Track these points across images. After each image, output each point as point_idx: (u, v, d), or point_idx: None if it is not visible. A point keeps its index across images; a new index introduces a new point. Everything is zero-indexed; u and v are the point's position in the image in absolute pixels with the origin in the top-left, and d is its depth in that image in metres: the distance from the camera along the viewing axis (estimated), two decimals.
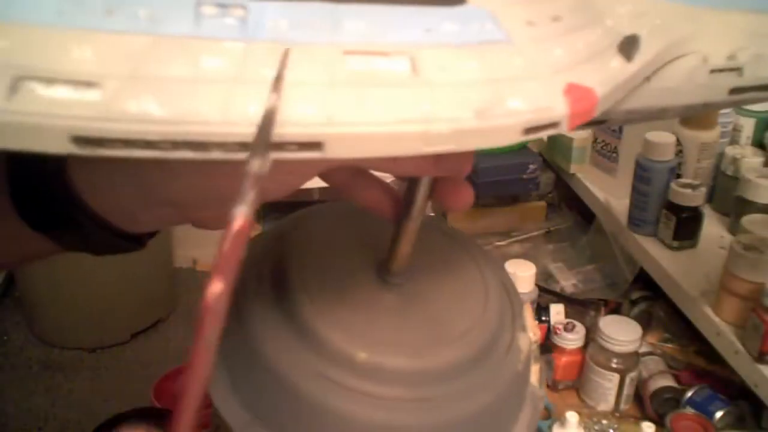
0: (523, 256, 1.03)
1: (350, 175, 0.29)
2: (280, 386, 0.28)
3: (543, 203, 1.19)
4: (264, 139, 0.16)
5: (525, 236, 1.14)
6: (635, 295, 0.98)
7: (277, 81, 0.17)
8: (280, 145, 0.17)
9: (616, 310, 0.96)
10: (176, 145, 0.17)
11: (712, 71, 0.24)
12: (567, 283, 1.02)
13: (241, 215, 0.15)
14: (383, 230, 0.31)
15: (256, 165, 0.16)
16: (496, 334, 0.31)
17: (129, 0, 0.18)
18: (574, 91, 0.20)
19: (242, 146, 0.17)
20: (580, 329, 0.86)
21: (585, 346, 0.85)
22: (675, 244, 0.89)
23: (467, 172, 0.28)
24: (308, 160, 0.18)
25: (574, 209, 1.18)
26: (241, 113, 0.17)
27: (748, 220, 0.81)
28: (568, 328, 0.85)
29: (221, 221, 0.29)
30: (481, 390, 0.29)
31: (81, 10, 0.17)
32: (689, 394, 0.79)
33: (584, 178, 1.13)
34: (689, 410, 0.77)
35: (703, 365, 0.86)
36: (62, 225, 0.28)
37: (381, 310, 0.30)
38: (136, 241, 0.31)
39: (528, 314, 0.34)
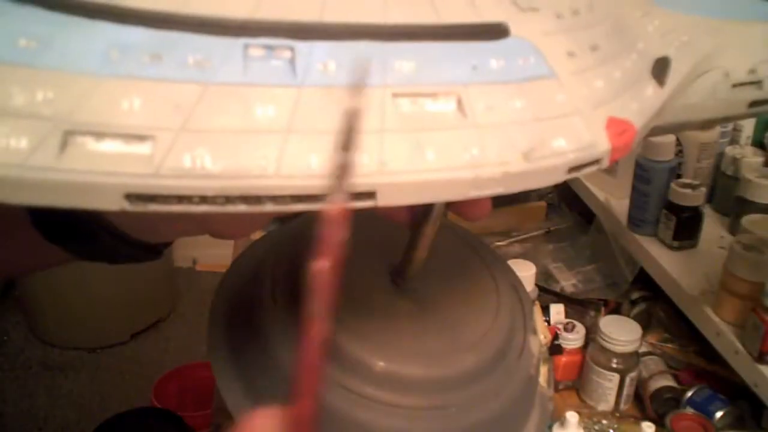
0: (523, 256, 1.03)
1: None
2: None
3: (543, 203, 1.19)
4: (350, 138, 0.16)
5: (525, 236, 1.14)
6: (635, 295, 0.98)
7: (357, 87, 0.17)
8: (330, 196, 0.17)
9: (616, 310, 0.96)
10: (230, 199, 0.16)
11: (734, 86, 0.25)
12: (567, 283, 1.02)
13: (337, 202, 0.16)
14: (395, 234, 0.31)
15: (344, 158, 0.16)
16: (509, 338, 0.31)
17: (176, 44, 0.17)
18: (614, 126, 0.20)
19: (295, 199, 0.17)
20: (580, 329, 0.86)
21: (585, 346, 0.85)
22: (675, 244, 0.89)
23: None
24: (359, 208, 0.17)
25: (574, 209, 1.18)
26: (296, 166, 0.16)
27: (748, 220, 0.81)
28: (568, 328, 0.85)
29: (239, 231, 0.29)
30: (496, 396, 0.29)
31: (128, 57, 0.16)
32: (689, 394, 0.79)
33: (584, 178, 1.13)
34: (689, 410, 0.77)
35: (703, 365, 0.86)
36: (79, 237, 0.28)
37: (397, 317, 0.30)
38: (153, 251, 0.31)
39: (538, 316, 0.34)
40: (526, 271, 0.85)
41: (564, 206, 1.21)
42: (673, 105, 0.24)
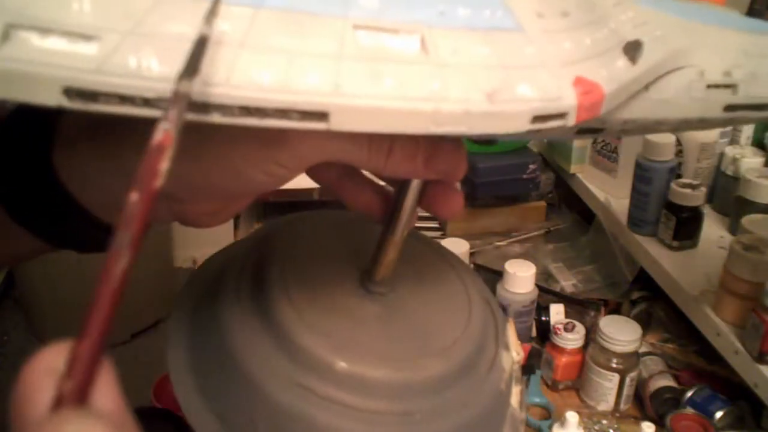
0: (523, 256, 1.03)
1: (341, 174, 0.29)
2: (254, 395, 0.26)
3: (543, 203, 1.19)
4: (193, 63, 0.16)
5: (525, 236, 1.14)
6: (635, 295, 0.98)
7: (212, 12, 0.16)
8: (284, 113, 0.17)
9: (616, 310, 0.96)
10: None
11: (709, 86, 0.24)
12: (567, 283, 1.02)
13: (161, 130, 0.15)
14: (368, 240, 0.30)
15: (184, 86, 0.15)
16: (479, 349, 0.30)
17: None
18: (582, 84, 0.20)
19: (244, 110, 0.16)
20: (580, 329, 0.86)
21: (585, 346, 0.85)
22: (675, 244, 0.89)
23: (460, 176, 0.27)
24: (310, 130, 0.17)
25: (574, 209, 1.18)
26: (246, 76, 0.16)
27: (748, 220, 0.81)
28: (568, 328, 0.85)
29: (212, 217, 0.28)
30: (463, 406, 0.28)
31: None
32: (689, 394, 0.79)
33: (584, 178, 1.13)
34: (689, 410, 0.77)
35: (703, 365, 0.86)
36: (48, 219, 0.28)
37: (363, 320, 0.29)
38: None
39: (511, 333, 0.34)
40: (526, 271, 0.85)
41: (564, 206, 1.21)
42: (649, 98, 0.24)
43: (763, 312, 0.67)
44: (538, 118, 0.19)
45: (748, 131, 1.01)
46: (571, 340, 0.85)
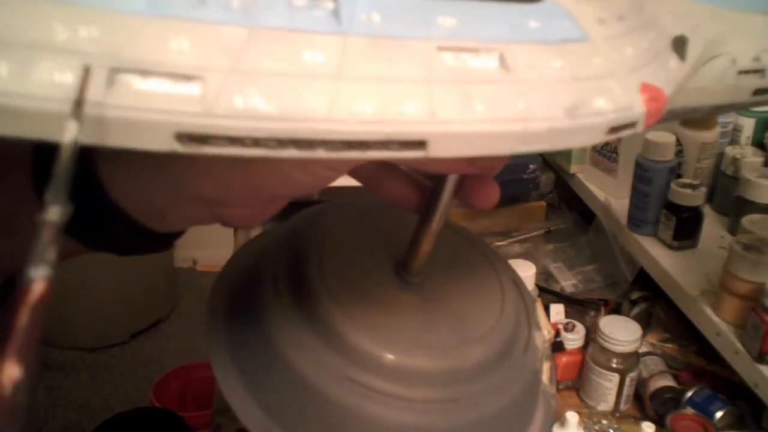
0: (523, 256, 1.03)
1: (378, 167, 0.29)
2: (303, 390, 0.27)
3: (543, 203, 1.19)
4: (64, 182, 0.14)
5: (525, 236, 1.13)
6: (635, 295, 0.98)
7: (78, 105, 0.15)
8: (385, 144, 0.16)
9: (616, 310, 0.96)
10: (282, 143, 0.16)
11: (740, 72, 0.25)
12: (567, 283, 1.02)
13: (40, 279, 0.13)
14: (397, 228, 0.31)
15: (55, 212, 0.14)
16: (515, 332, 0.31)
17: None
18: (647, 91, 0.20)
19: (347, 145, 0.16)
20: (580, 329, 0.86)
21: (585, 346, 0.85)
22: (675, 244, 0.89)
23: (499, 170, 0.28)
24: (408, 159, 0.17)
25: (574, 209, 1.18)
26: (348, 111, 0.16)
27: (748, 220, 0.81)
28: (568, 328, 0.85)
29: (253, 218, 0.28)
30: (504, 389, 0.29)
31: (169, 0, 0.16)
32: (689, 394, 0.79)
33: (584, 178, 1.13)
34: (689, 410, 0.77)
35: (703, 365, 0.86)
36: (88, 224, 0.28)
37: (404, 311, 0.30)
38: (163, 242, 0.30)
39: (540, 312, 0.35)
40: (526, 271, 0.85)
41: (564, 206, 1.21)
42: (687, 88, 0.24)
43: (763, 312, 0.67)
44: (612, 129, 0.19)
45: (748, 131, 1.01)
46: (571, 340, 0.85)
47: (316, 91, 0.16)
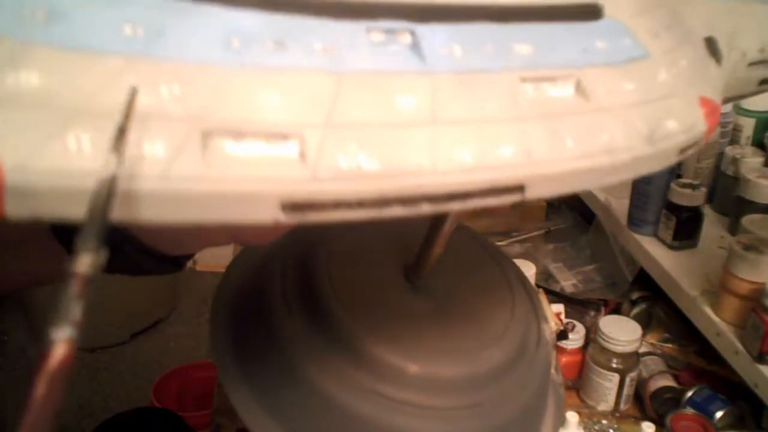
0: (523, 256, 1.03)
1: None
2: (327, 407, 0.27)
3: (543, 203, 1.19)
4: (97, 229, 0.13)
5: (525, 236, 1.13)
6: (635, 295, 0.98)
7: (120, 136, 0.13)
8: (486, 192, 0.15)
9: (616, 310, 0.96)
10: (387, 202, 0.15)
11: (749, 65, 0.25)
12: (567, 283, 1.02)
13: (62, 343, 0.12)
14: (403, 230, 0.30)
15: (86, 262, 0.13)
16: (527, 329, 0.31)
17: (299, 30, 0.15)
18: (705, 105, 0.20)
19: (450, 197, 0.15)
20: (580, 329, 0.86)
21: (585, 346, 0.85)
22: (675, 244, 0.89)
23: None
24: (502, 204, 0.16)
25: (574, 209, 1.18)
26: (450, 160, 0.15)
27: (748, 220, 0.81)
28: (568, 328, 0.85)
29: (268, 235, 0.28)
30: (524, 388, 0.29)
31: (251, 45, 0.14)
32: (689, 394, 0.79)
33: None
34: (689, 410, 0.77)
35: (703, 365, 0.86)
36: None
37: (420, 318, 0.30)
38: (174, 263, 0.29)
39: (545, 303, 0.35)
40: (526, 271, 0.85)
41: (564, 206, 1.21)
42: None
43: (763, 312, 0.67)
44: (682, 151, 0.19)
45: (748, 131, 1.01)
46: (571, 340, 0.85)
47: (415, 141, 0.15)
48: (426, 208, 0.15)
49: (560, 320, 0.84)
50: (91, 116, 0.13)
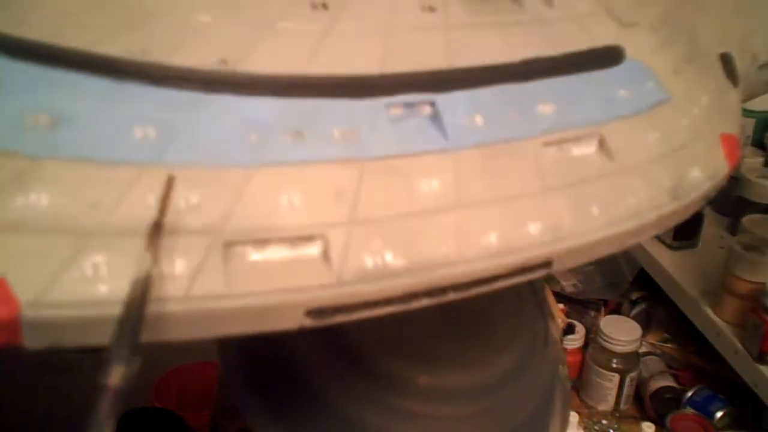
0: None
1: None
2: (340, 421, 0.26)
3: None
4: (132, 331, 0.12)
5: None
6: (635, 295, 0.97)
7: (155, 232, 0.12)
8: (512, 273, 0.15)
9: (616, 310, 0.96)
10: (414, 296, 0.14)
11: (760, 67, 0.25)
12: (567, 283, 1.02)
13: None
14: None
15: (118, 373, 0.12)
16: (534, 329, 0.31)
17: (315, 115, 0.14)
18: (726, 143, 0.20)
19: (478, 283, 0.15)
20: (580, 329, 0.86)
21: (585, 346, 0.85)
22: (675, 244, 0.89)
23: None
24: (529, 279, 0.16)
25: None
26: (476, 246, 0.15)
27: (748, 220, 0.81)
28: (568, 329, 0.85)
29: None
30: (534, 389, 0.29)
31: (268, 139, 0.14)
32: (689, 394, 0.79)
33: None
34: (689, 410, 0.77)
35: (703, 365, 0.86)
36: None
37: (427, 324, 0.29)
38: None
39: (550, 298, 0.34)
40: None
41: None
42: None
43: (763, 312, 0.67)
44: (706, 198, 0.19)
45: (748, 131, 1.01)
46: (571, 340, 0.84)
47: (441, 229, 0.14)
48: (453, 296, 0.15)
49: (564, 313, 0.84)
50: (105, 237, 0.12)
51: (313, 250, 0.13)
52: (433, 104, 0.16)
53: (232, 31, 0.14)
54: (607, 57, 0.19)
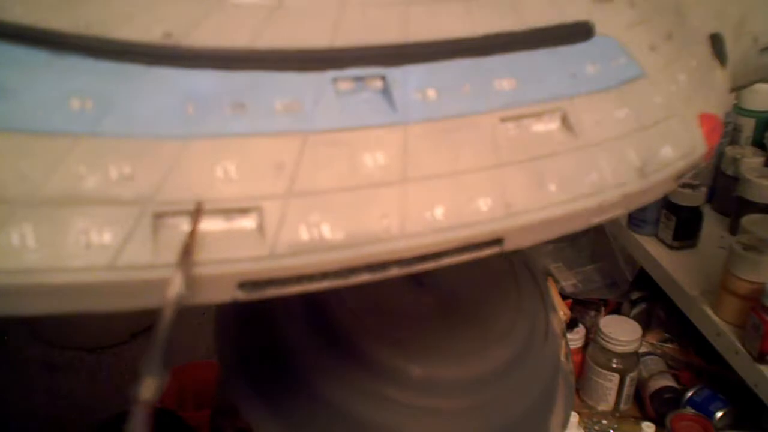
0: None
1: None
2: (334, 412, 0.26)
3: None
4: (160, 351, 0.13)
5: None
6: (635, 295, 0.98)
7: (185, 254, 0.13)
8: (461, 249, 0.15)
9: (616, 310, 0.96)
10: (354, 270, 0.14)
11: (762, 50, 0.24)
12: (567, 283, 1.02)
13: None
14: None
15: (151, 387, 0.12)
16: (534, 322, 0.31)
17: (258, 87, 0.14)
18: (706, 122, 0.19)
19: (422, 259, 0.15)
20: (580, 329, 0.86)
21: (585, 346, 0.85)
22: (675, 244, 0.89)
23: None
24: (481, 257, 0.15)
25: None
26: (421, 221, 0.14)
27: (748, 220, 0.81)
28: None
29: None
30: (532, 383, 0.29)
31: (207, 111, 0.13)
32: (689, 394, 0.79)
33: None
34: (689, 410, 0.77)
35: (703, 365, 0.86)
36: None
37: (423, 317, 0.29)
38: None
39: (554, 292, 0.34)
40: None
41: None
42: None
43: (763, 312, 0.67)
44: (679, 177, 0.18)
45: (748, 131, 1.01)
46: (572, 339, 0.84)
47: (384, 203, 0.14)
48: (396, 272, 0.15)
49: (568, 306, 0.84)
50: (35, 207, 0.12)
51: (248, 222, 0.13)
52: (384, 78, 0.15)
53: (182, 6, 0.14)
54: (575, 32, 0.18)
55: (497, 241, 0.15)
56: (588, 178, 0.16)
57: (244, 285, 0.13)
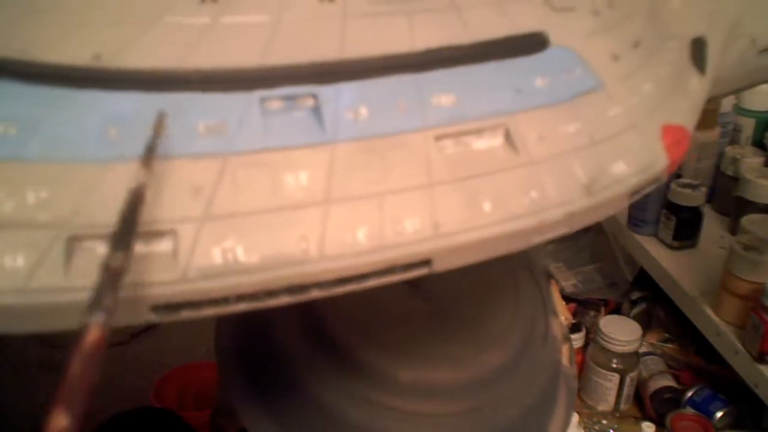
0: None
1: None
2: (325, 416, 0.26)
3: None
4: (128, 228, 0.13)
5: None
6: (635, 295, 0.98)
7: (149, 155, 0.13)
8: (385, 271, 0.15)
9: (616, 310, 0.96)
10: (273, 293, 0.14)
11: (761, 52, 0.23)
12: (567, 283, 1.02)
13: (96, 325, 0.12)
14: None
15: (118, 259, 0.12)
16: (532, 326, 0.30)
17: (182, 109, 0.14)
18: (670, 135, 0.18)
19: (343, 281, 0.14)
20: (581, 329, 0.86)
21: (585, 346, 0.85)
22: (675, 244, 0.89)
23: None
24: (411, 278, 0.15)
25: None
26: (341, 243, 0.14)
27: (748, 220, 0.81)
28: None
29: None
30: (527, 389, 0.28)
31: (128, 133, 0.13)
32: (689, 394, 0.79)
33: None
34: (689, 410, 0.77)
35: (703, 365, 0.86)
36: None
37: (416, 321, 0.29)
38: None
39: (557, 296, 0.34)
40: None
41: None
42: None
43: (763, 312, 0.67)
44: (634, 193, 0.17)
45: (748, 131, 1.01)
46: (572, 339, 0.84)
47: (304, 225, 0.14)
48: (317, 294, 0.14)
49: (571, 311, 0.84)
50: None
51: (164, 245, 0.13)
52: (315, 97, 0.15)
53: (115, 27, 0.14)
54: (526, 44, 0.17)
55: (425, 262, 0.15)
56: (527, 196, 0.16)
57: (157, 308, 0.13)
